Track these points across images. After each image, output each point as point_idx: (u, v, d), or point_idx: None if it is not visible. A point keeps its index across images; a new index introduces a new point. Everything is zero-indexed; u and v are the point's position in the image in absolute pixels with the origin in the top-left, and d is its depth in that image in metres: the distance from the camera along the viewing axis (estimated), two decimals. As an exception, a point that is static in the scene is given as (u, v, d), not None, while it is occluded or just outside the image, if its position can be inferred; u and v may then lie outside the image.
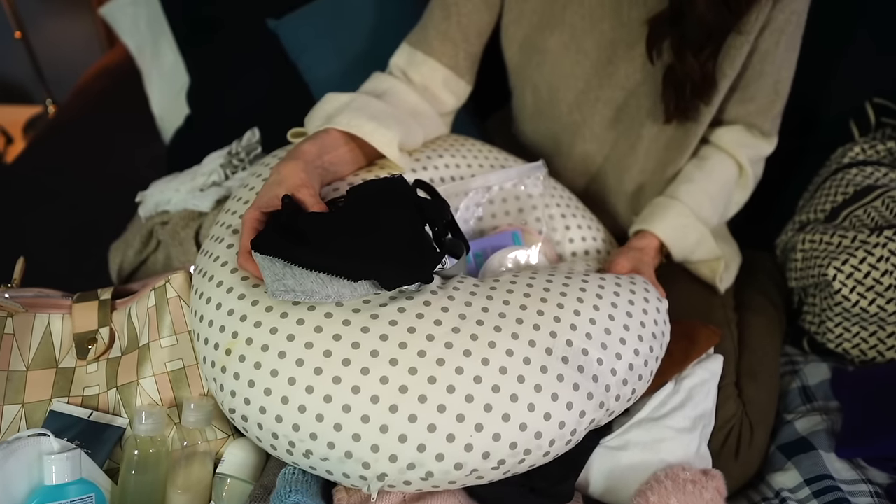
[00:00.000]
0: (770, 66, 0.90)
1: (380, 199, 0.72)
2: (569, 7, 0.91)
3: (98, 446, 0.73)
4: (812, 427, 0.84)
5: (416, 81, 0.93)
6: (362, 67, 1.01)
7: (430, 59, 0.93)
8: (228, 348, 0.66)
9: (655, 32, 0.86)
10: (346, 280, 0.65)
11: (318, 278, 0.64)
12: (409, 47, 0.95)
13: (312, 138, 0.78)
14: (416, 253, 0.69)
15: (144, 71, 1.44)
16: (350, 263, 0.65)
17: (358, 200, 0.72)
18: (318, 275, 0.65)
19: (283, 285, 0.64)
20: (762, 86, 0.92)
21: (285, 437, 0.64)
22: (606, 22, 0.91)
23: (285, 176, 0.71)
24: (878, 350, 0.92)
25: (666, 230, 0.92)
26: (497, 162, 0.96)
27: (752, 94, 0.93)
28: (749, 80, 0.91)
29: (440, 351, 0.64)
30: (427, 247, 0.70)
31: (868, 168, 1.00)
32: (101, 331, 0.79)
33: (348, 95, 0.84)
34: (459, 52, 0.94)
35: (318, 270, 0.64)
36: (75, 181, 1.35)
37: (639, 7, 0.88)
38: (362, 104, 0.83)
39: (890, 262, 0.88)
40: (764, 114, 0.95)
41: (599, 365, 0.69)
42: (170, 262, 0.96)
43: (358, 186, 0.74)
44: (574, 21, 0.92)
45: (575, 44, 0.94)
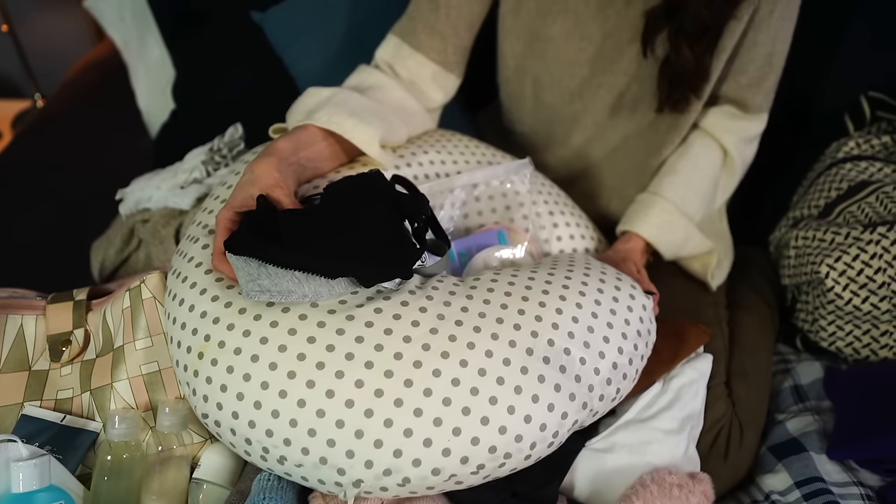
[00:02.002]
0: (763, 35, 0.87)
1: (357, 195, 0.71)
2: None
3: (71, 451, 0.71)
4: (804, 428, 0.82)
5: (402, 76, 0.91)
6: (348, 60, 0.99)
7: (417, 54, 0.91)
8: (201, 352, 0.65)
9: (651, 25, 0.84)
10: (323, 278, 0.64)
11: (293, 277, 0.63)
12: (395, 39, 0.92)
13: (289, 135, 0.76)
14: (395, 249, 0.67)
15: (130, 65, 1.42)
16: (326, 261, 0.64)
17: (334, 197, 0.70)
18: (294, 274, 0.63)
19: (258, 286, 0.63)
20: (755, 56, 0.89)
21: (259, 442, 0.63)
22: (611, 7, 0.89)
23: (259, 175, 0.70)
24: (872, 349, 0.91)
25: (651, 229, 0.90)
26: (484, 158, 0.94)
27: (743, 64, 0.89)
28: (741, 49, 0.88)
29: (417, 353, 0.62)
30: (406, 243, 0.69)
31: (862, 163, 0.98)
32: (76, 332, 0.77)
33: (329, 90, 0.82)
34: (448, 47, 0.92)
35: (294, 269, 0.63)
36: (61, 176, 1.33)
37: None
38: (343, 100, 0.81)
39: (883, 260, 0.86)
40: (755, 87, 0.91)
41: (582, 364, 0.67)
42: (151, 262, 0.95)
43: (334, 183, 0.72)
44: (577, 7, 0.90)
45: (579, 30, 0.92)
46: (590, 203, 1.03)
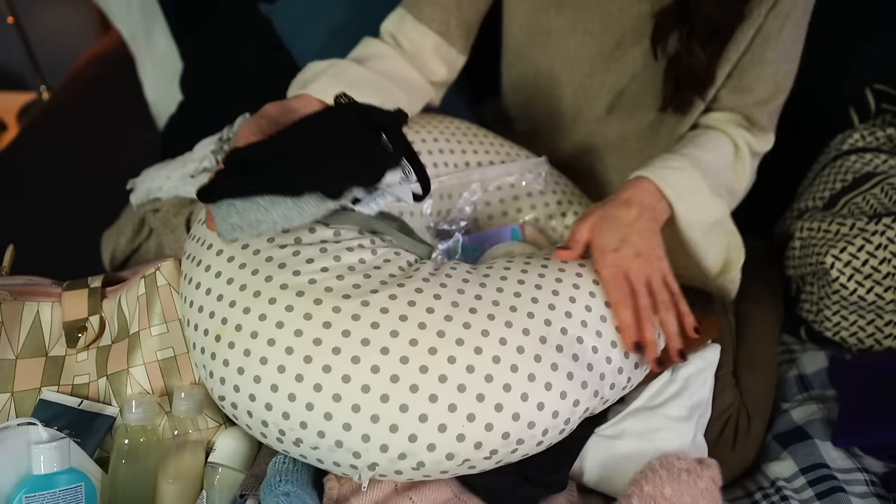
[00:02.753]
0: (771, 53, 0.85)
1: (321, 117, 0.68)
2: None
3: (88, 435, 0.72)
4: (808, 416, 0.83)
5: (405, 47, 0.91)
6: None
7: (420, 25, 0.91)
8: (218, 335, 0.66)
9: (662, 26, 0.84)
10: (290, 200, 0.62)
11: (259, 207, 0.62)
12: (401, 11, 0.92)
13: (281, 102, 0.76)
14: (359, 154, 0.65)
15: (138, 57, 1.42)
16: (286, 178, 0.62)
17: (295, 125, 0.67)
18: (259, 203, 0.62)
19: (229, 224, 0.63)
20: (761, 74, 0.87)
21: (275, 425, 0.64)
22: (615, 3, 0.89)
23: (240, 135, 0.69)
24: (876, 338, 0.92)
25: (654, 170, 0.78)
26: (499, 156, 0.94)
27: (749, 82, 0.87)
28: (747, 65, 0.86)
29: (432, 339, 0.63)
30: (373, 146, 0.65)
31: (867, 155, 0.99)
32: (91, 319, 0.78)
33: (327, 62, 0.83)
34: (451, 19, 0.91)
35: (256, 193, 0.62)
36: (69, 167, 1.34)
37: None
38: (340, 71, 0.81)
39: (888, 250, 0.87)
40: (761, 106, 0.89)
41: (594, 353, 0.68)
42: (162, 250, 0.95)
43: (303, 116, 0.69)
44: (581, 1, 0.90)
45: (581, 25, 0.92)
46: (594, 198, 1.04)
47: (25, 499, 0.63)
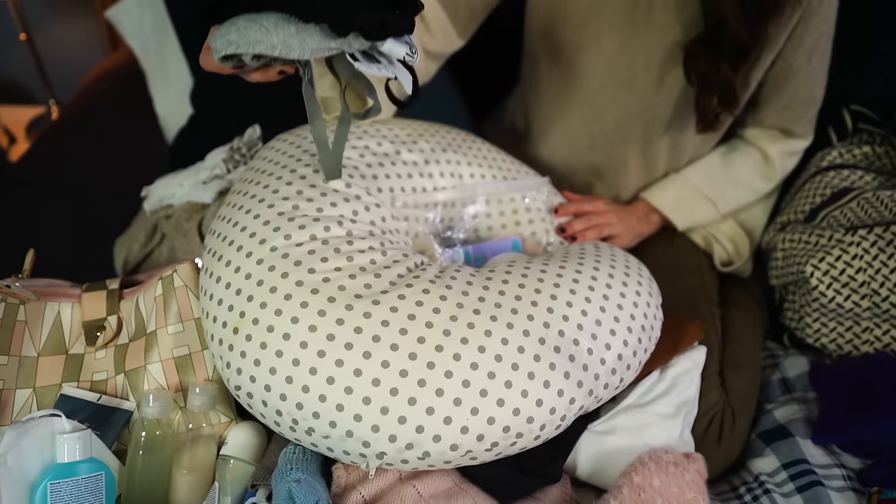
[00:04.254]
0: (804, 79, 0.97)
1: None
2: (593, 6, 0.94)
3: (107, 428, 0.76)
4: (790, 416, 0.87)
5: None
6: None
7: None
8: (236, 327, 0.69)
9: (693, 54, 0.89)
10: (293, 27, 0.58)
11: (261, 27, 0.58)
12: None
13: None
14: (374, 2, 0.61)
15: (148, 72, 1.47)
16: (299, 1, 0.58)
17: None
18: (263, 22, 0.58)
19: (225, 41, 0.59)
20: (797, 96, 0.99)
21: (289, 414, 0.67)
22: (628, 28, 0.94)
23: None
24: (854, 344, 0.97)
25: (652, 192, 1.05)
26: (501, 171, 0.99)
27: (787, 103, 1.00)
28: (784, 91, 0.99)
29: (439, 338, 0.67)
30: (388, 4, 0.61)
31: (845, 171, 1.05)
32: (110, 319, 0.82)
33: None
34: (461, 1, 0.95)
35: (264, 10, 0.59)
36: (79, 179, 1.38)
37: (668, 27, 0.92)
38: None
39: (864, 260, 0.93)
40: (799, 119, 1.03)
41: (589, 354, 0.72)
42: (174, 255, 0.99)
43: None
44: (599, 20, 0.95)
45: (596, 43, 0.96)
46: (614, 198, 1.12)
47: (50, 485, 0.67)
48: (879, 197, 0.97)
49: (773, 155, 1.04)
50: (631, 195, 1.11)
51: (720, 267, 1.09)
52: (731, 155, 1.06)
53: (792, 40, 0.93)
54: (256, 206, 0.76)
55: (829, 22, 0.93)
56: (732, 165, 1.05)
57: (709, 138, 1.04)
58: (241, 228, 0.76)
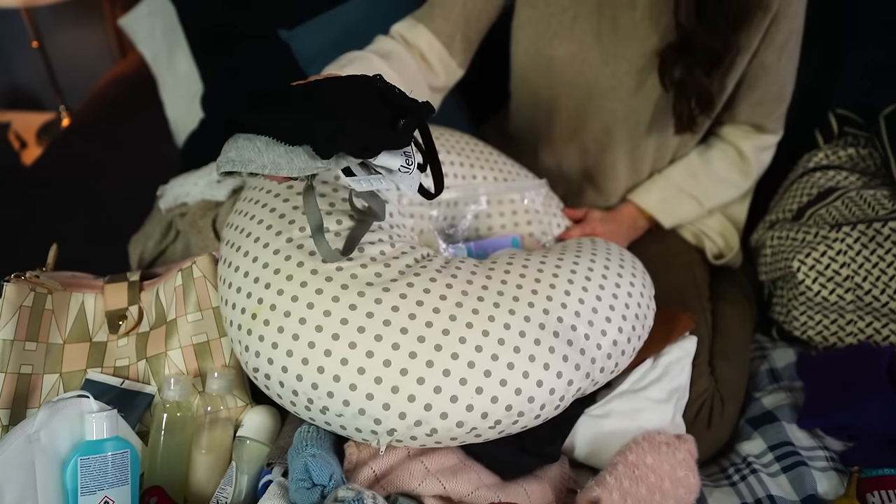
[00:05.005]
0: (775, 76, 1.03)
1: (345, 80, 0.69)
2: (577, 21, 1.00)
3: (130, 411, 0.80)
4: (777, 403, 0.92)
5: (414, 46, 1.00)
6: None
7: (428, 33, 1.00)
8: (254, 313, 0.74)
9: (667, 60, 0.96)
10: (282, 148, 0.62)
11: (255, 147, 0.63)
12: (412, 19, 1.02)
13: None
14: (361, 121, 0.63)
15: (159, 78, 1.52)
16: (286, 123, 0.62)
17: (321, 80, 0.69)
18: (257, 143, 0.63)
19: (226, 158, 0.65)
20: (769, 93, 1.05)
21: (304, 394, 0.72)
22: (611, 37, 0.99)
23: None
24: (839, 336, 1.01)
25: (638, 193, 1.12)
26: (502, 173, 1.03)
27: (759, 99, 1.05)
28: (756, 88, 1.04)
29: (445, 322, 0.72)
30: (379, 120, 0.63)
31: (830, 172, 1.10)
32: (131, 308, 0.86)
33: (358, 52, 0.92)
34: (457, 34, 1.01)
35: (252, 132, 0.64)
36: (91, 181, 1.42)
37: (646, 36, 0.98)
38: (370, 65, 0.90)
39: (847, 256, 0.97)
40: (771, 115, 1.08)
41: (586, 340, 0.77)
42: (188, 250, 1.04)
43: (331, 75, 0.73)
44: (582, 35, 1.01)
45: (581, 55, 1.02)
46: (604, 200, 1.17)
47: (80, 461, 0.71)
48: (863, 196, 1.02)
49: (747, 151, 1.09)
50: (619, 198, 1.17)
51: (713, 260, 1.14)
52: (708, 152, 1.12)
53: (764, 40, 0.98)
54: (272, 200, 0.81)
55: (798, 20, 0.99)
56: (711, 162, 1.11)
57: (689, 138, 1.10)
58: (257, 221, 0.81)
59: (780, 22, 0.97)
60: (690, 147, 1.12)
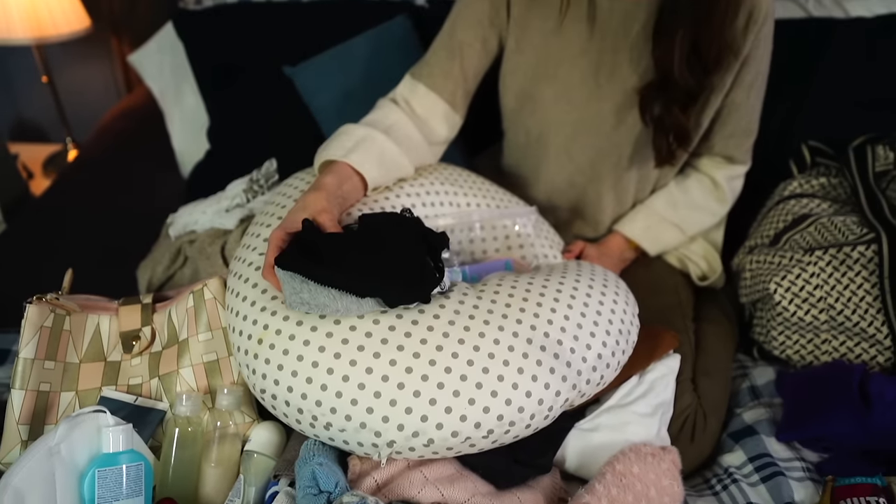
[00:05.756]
0: (744, 112, 1.11)
1: (389, 227, 0.84)
2: (562, 65, 1.08)
3: (143, 427, 0.84)
4: (757, 417, 0.97)
5: (418, 113, 1.07)
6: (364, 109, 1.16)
7: (432, 93, 1.08)
8: (260, 338, 0.79)
9: (646, 98, 1.03)
10: (354, 297, 0.77)
11: (329, 294, 0.76)
12: (412, 80, 1.09)
13: (332, 172, 0.91)
14: (418, 278, 0.80)
15: (167, 111, 1.58)
16: (358, 282, 0.77)
17: (369, 227, 0.84)
18: (330, 291, 0.76)
19: (299, 298, 0.77)
20: (739, 127, 1.13)
21: (309, 411, 0.76)
22: (594, 79, 1.07)
23: (309, 203, 0.84)
24: (815, 355, 1.06)
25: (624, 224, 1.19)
26: (494, 201, 1.09)
27: (731, 132, 1.13)
28: (728, 123, 1.12)
29: (438, 339, 0.77)
30: (427, 273, 0.80)
31: (804, 199, 1.16)
32: (144, 329, 0.91)
33: (363, 130, 0.98)
34: (458, 90, 1.09)
35: (331, 287, 0.76)
36: (100, 210, 1.48)
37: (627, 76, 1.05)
38: (371, 145, 0.96)
39: (820, 278, 1.03)
40: (741, 147, 1.15)
41: (572, 353, 0.82)
42: (196, 275, 1.09)
43: (371, 215, 0.86)
44: (566, 77, 1.08)
45: (566, 96, 1.09)
46: (591, 230, 1.23)
47: (98, 472, 0.75)
48: (834, 222, 1.09)
49: (720, 180, 1.17)
50: (606, 228, 1.23)
51: (698, 282, 1.20)
52: (686, 183, 1.19)
53: (735, 81, 1.06)
54: (277, 233, 0.86)
55: (764, 62, 1.07)
56: (689, 192, 1.18)
57: (668, 169, 1.17)
58: (259, 253, 0.87)
59: (749, 65, 1.05)
60: (669, 178, 1.19)
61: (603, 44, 1.05)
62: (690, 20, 0.95)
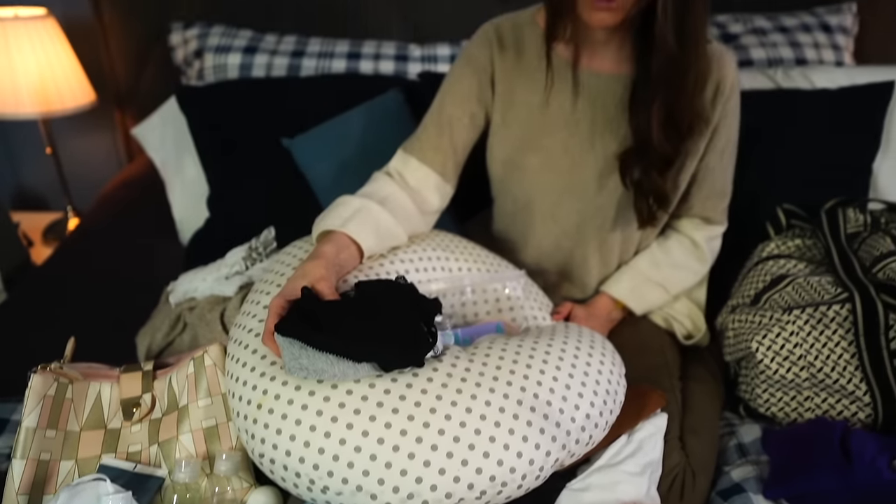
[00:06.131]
0: (718, 175, 1.18)
1: (384, 294, 0.89)
2: (547, 136, 1.14)
3: (142, 493, 0.85)
4: (745, 475, 0.99)
5: (411, 184, 1.13)
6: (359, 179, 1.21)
7: (423, 167, 1.14)
8: (259, 403, 0.82)
9: (626, 163, 1.10)
10: (351, 362, 0.80)
11: (327, 359, 0.80)
12: (404, 154, 1.15)
13: (330, 241, 0.96)
14: (412, 343, 0.84)
15: (167, 181, 1.64)
16: (356, 348, 0.80)
17: (366, 295, 0.88)
18: (328, 356, 0.80)
19: (298, 364, 0.80)
20: (713, 190, 1.20)
21: (306, 475, 0.78)
22: (576, 148, 1.14)
23: (308, 271, 0.89)
24: (798, 412, 1.09)
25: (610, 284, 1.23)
26: (485, 265, 1.14)
27: (707, 194, 1.20)
28: (704, 186, 1.19)
29: (432, 402, 0.80)
30: (421, 338, 0.85)
31: (781, 260, 1.21)
32: (145, 396, 0.94)
33: (359, 201, 1.03)
34: (448, 162, 1.16)
35: (328, 352, 0.80)
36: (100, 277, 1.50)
37: (608, 144, 1.12)
38: (367, 216, 1.01)
39: (799, 336, 1.07)
40: (717, 208, 1.22)
41: (561, 414, 0.85)
42: (196, 342, 1.11)
43: (367, 282, 0.91)
44: (550, 147, 1.15)
45: (549, 164, 1.16)
46: (579, 292, 1.27)
47: (97, 540, 0.76)
48: (810, 282, 1.13)
49: (699, 240, 1.23)
50: (593, 290, 1.28)
51: (683, 341, 1.24)
52: (667, 243, 1.25)
53: (708, 146, 1.14)
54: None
55: (734, 129, 1.16)
56: (670, 252, 1.23)
57: (650, 231, 1.22)
58: (259, 320, 0.90)
59: (719, 132, 1.12)
60: (651, 239, 1.24)
61: (585, 115, 1.12)
62: (664, 93, 1.02)
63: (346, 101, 1.46)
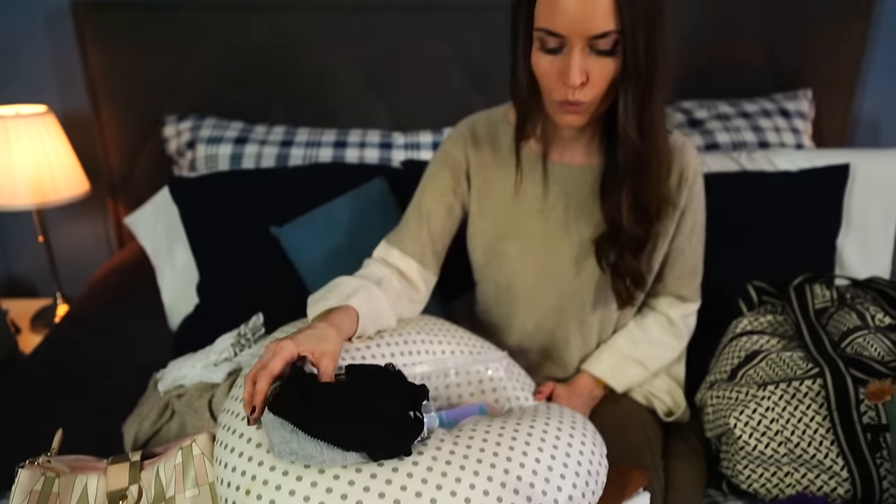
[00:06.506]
0: (689, 255, 1.24)
1: (376, 383, 0.91)
2: (522, 224, 1.21)
3: (126, 588, 0.85)
4: (729, 552, 1.00)
5: (394, 268, 1.19)
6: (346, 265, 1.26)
7: (404, 256, 1.20)
8: (248, 489, 0.83)
9: (601, 247, 1.16)
10: (340, 449, 0.82)
11: (317, 445, 0.81)
12: (387, 244, 1.22)
13: (343, 311, 0.99)
14: (399, 432, 0.86)
15: (158, 268, 1.67)
16: (347, 438, 0.82)
17: (358, 379, 0.91)
18: (318, 443, 0.82)
19: (288, 448, 0.82)
20: (685, 269, 1.26)
21: (294, 561, 0.79)
22: (552, 235, 1.20)
23: (325, 337, 0.92)
24: (780, 488, 1.11)
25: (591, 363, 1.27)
26: (468, 347, 1.18)
27: (679, 273, 1.25)
28: (676, 266, 1.25)
29: (417, 486, 0.81)
30: (410, 427, 0.87)
31: (755, 336, 1.26)
32: (131, 488, 0.94)
33: (357, 281, 1.08)
34: (427, 252, 1.21)
35: (320, 439, 0.81)
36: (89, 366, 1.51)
37: (582, 229, 1.19)
38: (367, 294, 1.05)
39: (775, 412, 1.10)
40: (690, 286, 1.27)
41: (544, 496, 0.86)
42: (183, 430, 1.12)
43: (359, 367, 0.94)
44: (526, 233, 1.21)
45: (527, 250, 1.22)
46: (561, 371, 1.30)
47: None
48: (782, 357, 1.17)
49: (675, 318, 1.28)
50: (574, 369, 1.31)
51: (664, 418, 1.26)
52: (644, 321, 1.30)
53: (678, 228, 1.21)
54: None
55: (700, 211, 1.23)
56: (648, 330, 1.28)
57: (629, 310, 1.27)
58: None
59: (686, 215, 1.19)
60: (629, 318, 1.29)
61: (557, 203, 1.18)
62: (631, 180, 1.09)
63: (332, 189, 1.52)
